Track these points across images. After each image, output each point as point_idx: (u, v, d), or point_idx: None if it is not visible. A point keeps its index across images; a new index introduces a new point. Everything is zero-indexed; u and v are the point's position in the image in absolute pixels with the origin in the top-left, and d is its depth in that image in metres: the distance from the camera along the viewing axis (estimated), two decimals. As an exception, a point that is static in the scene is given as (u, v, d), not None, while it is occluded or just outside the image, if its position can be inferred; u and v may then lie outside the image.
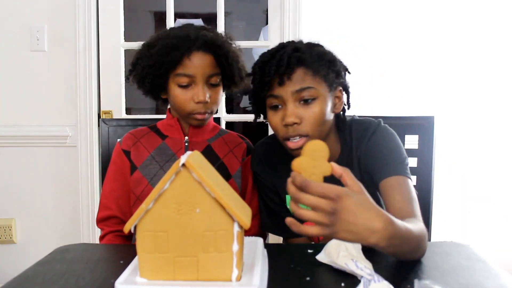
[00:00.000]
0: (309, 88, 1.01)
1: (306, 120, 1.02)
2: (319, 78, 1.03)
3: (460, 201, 2.18)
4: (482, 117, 2.16)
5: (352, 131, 1.13)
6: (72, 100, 2.15)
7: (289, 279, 0.79)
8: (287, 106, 1.03)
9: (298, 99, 1.02)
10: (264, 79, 1.03)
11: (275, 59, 1.02)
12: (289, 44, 1.06)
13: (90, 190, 2.17)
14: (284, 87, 1.02)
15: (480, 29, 2.13)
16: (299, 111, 1.02)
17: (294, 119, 1.01)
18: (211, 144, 1.27)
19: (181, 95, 1.16)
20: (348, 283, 0.76)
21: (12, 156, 2.17)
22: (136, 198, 1.22)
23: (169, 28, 1.22)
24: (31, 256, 1.24)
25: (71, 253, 0.96)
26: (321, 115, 1.03)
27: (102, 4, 2.16)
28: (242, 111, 4.19)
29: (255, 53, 4.39)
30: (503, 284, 0.78)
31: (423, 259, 0.88)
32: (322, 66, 1.03)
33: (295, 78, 1.01)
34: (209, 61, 1.15)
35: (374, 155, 1.07)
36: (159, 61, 1.12)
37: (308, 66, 1.02)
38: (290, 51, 1.02)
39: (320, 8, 2.13)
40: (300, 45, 1.06)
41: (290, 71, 1.00)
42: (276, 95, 1.03)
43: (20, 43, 2.13)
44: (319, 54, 1.05)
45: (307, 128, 1.03)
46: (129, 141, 1.25)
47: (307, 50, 1.04)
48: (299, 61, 1.01)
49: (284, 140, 1.06)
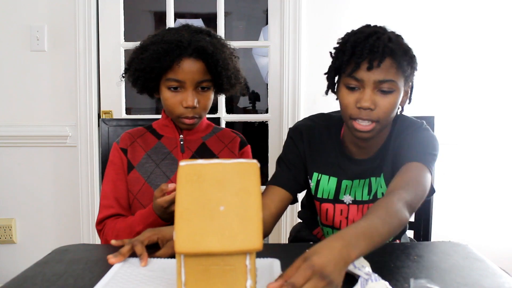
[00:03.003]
0: (391, 81, 1.05)
1: (380, 108, 1.06)
2: (400, 72, 1.07)
3: (459, 201, 2.18)
4: (482, 117, 2.16)
5: (398, 123, 1.18)
6: (72, 100, 2.15)
7: (287, 279, 0.80)
8: (365, 90, 1.06)
9: (377, 88, 1.06)
10: (353, 58, 1.05)
11: (368, 43, 1.04)
12: (382, 31, 1.08)
13: (90, 190, 2.17)
14: (369, 73, 1.04)
15: (480, 29, 2.13)
16: (376, 98, 1.06)
17: (370, 104, 1.05)
18: (206, 141, 1.29)
19: (170, 99, 1.17)
20: (346, 283, 0.76)
21: (12, 156, 2.17)
22: (133, 197, 1.23)
23: (165, 30, 1.22)
24: (31, 256, 1.24)
25: (70, 254, 0.96)
26: (394, 107, 1.08)
27: (102, 4, 2.16)
28: (242, 111, 4.19)
29: (255, 53, 4.40)
30: (501, 283, 0.78)
31: (420, 259, 0.89)
32: (406, 61, 1.07)
33: (382, 67, 1.04)
34: (199, 67, 1.15)
35: (407, 143, 1.12)
36: (150, 66, 1.14)
37: (396, 59, 1.05)
38: (386, 40, 1.05)
39: (320, 8, 2.13)
40: (392, 36, 1.08)
41: (382, 59, 1.03)
42: (358, 78, 1.06)
43: (20, 43, 2.14)
44: (405, 49, 1.08)
45: (379, 114, 1.07)
46: (126, 140, 1.27)
47: (397, 42, 1.07)
48: (391, 52, 1.04)
49: (352, 119, 1.09)
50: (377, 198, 1.17)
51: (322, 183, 1.21)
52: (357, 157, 1.19)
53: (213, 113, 2.22)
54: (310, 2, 2.13)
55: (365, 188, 1.19)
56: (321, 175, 1.21)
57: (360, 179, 1.19)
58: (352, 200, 1.20)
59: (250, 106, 4.30)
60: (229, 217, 0.65)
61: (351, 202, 1.20)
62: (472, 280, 0.79)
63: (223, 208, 0.66)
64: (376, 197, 1.18)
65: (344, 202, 1.20)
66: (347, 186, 1.20)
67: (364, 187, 1.19)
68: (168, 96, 1.18)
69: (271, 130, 2.24)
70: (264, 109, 3.43)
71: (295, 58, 2.12)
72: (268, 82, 2.24)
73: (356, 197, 1.20)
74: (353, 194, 1.20)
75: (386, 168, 1.17)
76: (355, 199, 1.20)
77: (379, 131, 1.11)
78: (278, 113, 2.20)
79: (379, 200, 0.93)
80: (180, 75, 1.14)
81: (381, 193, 1.17)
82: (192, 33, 1.17)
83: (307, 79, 2.14)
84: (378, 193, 1.18)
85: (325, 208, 1.22)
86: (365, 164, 1.18)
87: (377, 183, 1.18)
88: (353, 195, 1.20)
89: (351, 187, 1.20)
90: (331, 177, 1.20)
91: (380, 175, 1.18)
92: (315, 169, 1.22)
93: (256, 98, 4.27)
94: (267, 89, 2.26)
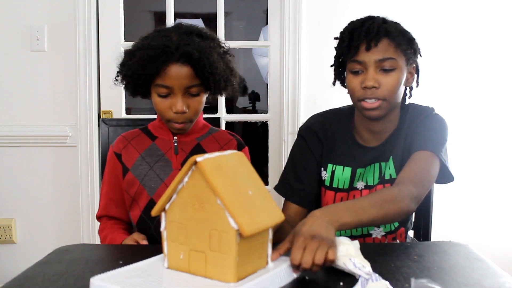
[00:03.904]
0: (391, 59, 1.11)
1: (384, 86, 1.11)
2: (400, 51, 1.13)
3: (459, 201, 2.18)
4: (482, 117, 2.16)
5: (409, 111, 1.23)
6: (72, 100, 2.15)
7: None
8: (368, 71, 1.12)
9: (379, 67, 1.12)
10: (352, 43, 1.12)
11: (364, 27, 1.12)
12: (377, 17, 1.18)
13: (90, 190, 2.17)
14: (368, 54, 1.11)
15: (480, 29, 2.13)
16: (379, 77, 1.12)
17: (373, 83, 1.11)
18: (201, 142, 1.28)
19: (160, 104, 1.16)
20: (347, 282, 0.77)
21: (12, 156, 2.17)
22: (131, 199, 1.24)
23: (155, 31, 1.19)
24: (31, 256, 1.24)
25: (70, 254, 0.96)
26: (397, 84, 1.13)
27: (102, 4, 2.16)
28: (242, 111, 4.19)
29: (255, 53, 4.40)
30: (501, 283, 0.78)
31: (421, 259, 0.89)
32: (404, 41, 1.14)
33: (380, 47, 1.11)
34: (186, 72, 1.12)
35: (418, 132, 1.18)
36: (137, 73, 1.13)
37: (393, 39, 1.11)
38: (379, 22, 1.14)
39: (320, 8, 2.13)
40: (387, 20, 1.17)
41: (378, 38, 1.10)
42: (360, 61, 1.12)
43: (20, 43, 2.14)
44: (402, 31, 1.16)
45: (384, 93, 1.12)
46: (120, 144, 1.27)
47: (393, 24, 1.16)
48: (386, 32, 1.11)
49: (360, 100, 1.14)
50: (385, 180, 1.21)
51: (337, 174, 1.24)
52: (369, 145, 1.23)
53: (213, 113, 2.23)
54: (310, 2, 2.13)
55: (376, 172, 1.22)
56: (335, 166, 1.24)
57: (371, 164, 1.22)
58: (364, 185, 1.23)
59: (250, 106, 4.30)
60: (258, 199, 0.77)
61: (363, 188, 1.23)
62: (472, 280, 0.79)
63: (251, 193, 0.77)
64: (384, 178, 1.21)
65: (358, 188, 1.23)
66: (361, 174, 1.23)
67: (375, 172, 1.22)
68: (158, 101, 1.16)
69: (271, 130, 2.24)
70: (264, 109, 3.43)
71: (295, 58, 2.12)
72: (268, 82, 2.24)
73: (368, 182, 1.22)
74: (365, 179, 1.23)
75: (396, 152, 1.20)
76: (367, 184, 1.23)
77: (388, 109, 1.16)
78: (278, 113, 2.20)
79: (394, 188, 1.02)
80: (168, 81, 1.12)
81: (389, 175, 1.20)
82: (181, 35, 1.14)
83: (307, 79, 2.14)
84: (386, 174, 1.21)
85: (339, 197, 1.25)
86: (376, 150, 1.22)
87: (386, 167, 1.21)
88: (365, 180, 1.23)
89: (364, 173, 1.23)
90: (345, 167, 1.24)
91: (388, 159, 1.21)
92: (330, 160, 1.25)
93: (256, 98, 4.26)
94: (267, 89, 2.26)
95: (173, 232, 0.78)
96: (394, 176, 1.19)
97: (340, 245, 0.84)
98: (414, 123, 1.20)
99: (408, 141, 1.19)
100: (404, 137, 1.20)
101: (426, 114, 1.22)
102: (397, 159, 1.20)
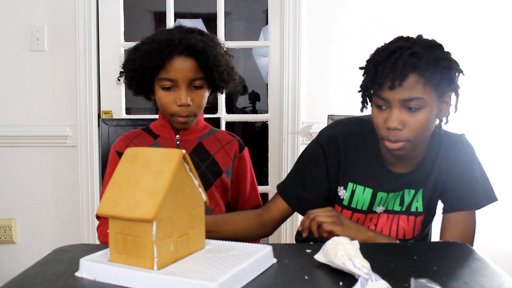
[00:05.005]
0: (418, 99, 1.00)
1: (409, 127, 1.03)
2: (430, 87, 1.01)
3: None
4: (482, 117, 2.16)
5: (442, 140, 1.15)
6: (72, 100, 2.15)
7: (288, 278, 0.80)
8: (392, 110, 1.03)
9: (404, 106, 1.02)
10: (375, 79, 1.02)
11: (390, 62, 1.00)
12: (408, 46, 1.02)
13: (90, 190, 2.17)
14: (393, 92, 1.01)
15: (480, 29, 2.14)
16: (404, 117, 1.02)
17: (397, 125, 1.02)
18: (202, 141, 1.29)
19: (164, 98, 1.18)
20: (346, 282, 0.77)
21: (12, 156, 2.17)
22: None
23: (157, 31, 1.23)
24: (31, 256, 1.24)
25: (70, 254, 0.96)
26: (425, 124, 1.03)
27: (102, 4, 2.16)
28: (242, 111, 4.19)
29: (255, 53, 4.40)
30: (501, 283, 0.78)
31: (420, 259, 0.89)
32: (436, 74, 1.00)
33: (406, 85, 0.99)
34: (191, 65, 1.15)
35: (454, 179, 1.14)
36: (142, 65, 1.15)
37: (422, 74, 0.99)
38: (407, 57, 0.99)
39: (320, 8, 2.13)
40: (418, 49, 1.01)
41: (403, 77, 0.99)
42: (384, 98, 1.03)
43: (20, 43, 2.14)
44: (435, 60, 1.01)
45: (408, 134, 1.03)
46: (122, 143, 1.27)
47: (425, 54, 1.01)
48: (414, 67, 0.99)
49: (383, 139, 1.07)
50: (410, 211, 1.16)
51: (357, 194, 1.18)
52: (395, 170, 1.16)
53: (213, 113, 2.23)
54: (310, 2, 2.13)
55: (397, 199, 1.17)
56: (356, 186, 1.18)
57: (395, 192, 1.17)
58: (383, 209, 1.19)
59: (250, 106, 4.30)
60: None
61: (382, 212, 1.19)
62: (472, 280, 0.79)
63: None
64: (410, 210, 1.17)
65: (376, 212, 1.19)
66: (382, 198, 1.17)
67: (396, 199, 1.17)
68: (162, 95, 1.18)
69: (271, 130, 2.24)
70: (264, 109, 3.43)
71: (295, 58, 2.12)
72: (268, 82, 2.24)
73: (387, 207, 1.19)
74: (386, 205, 1.18)
75: (427, 186, 1.16)
76: (387, 209, 1.19)
77: (413, 148, 1.08)
78: (278, 113, 2.20)
79: None
80: (172, 73, 1.15)
81: (415, 207, 1.17)
82: (183, 33, 1.18)
83: (307, 79, 2.14)
84: (412, 206, 1.17)
85: (356, 218, 1.20)
86: (403, 178, 1.16)
87: (410, 196, 1.17)
88: (386, 205, 1.18)
89: (386, 200, 1.18)
90: (366, 188, 1.17)
91: (416, 188, 1.16)
92: (350, 179, 1.18)
93: (256, 98, 4.26)
94: (267, 89, 2.26)
95: (161, 230, 0.77)
96: (420, 209, 1.16)
97: (340, 245, 0.84)
98: (450, 156, 1.14)
99: (441, 178, 1.15)
100: (437, 170, 1.14)
101: (460, 145, 1.16)
102: (427, 192, 1.15)
